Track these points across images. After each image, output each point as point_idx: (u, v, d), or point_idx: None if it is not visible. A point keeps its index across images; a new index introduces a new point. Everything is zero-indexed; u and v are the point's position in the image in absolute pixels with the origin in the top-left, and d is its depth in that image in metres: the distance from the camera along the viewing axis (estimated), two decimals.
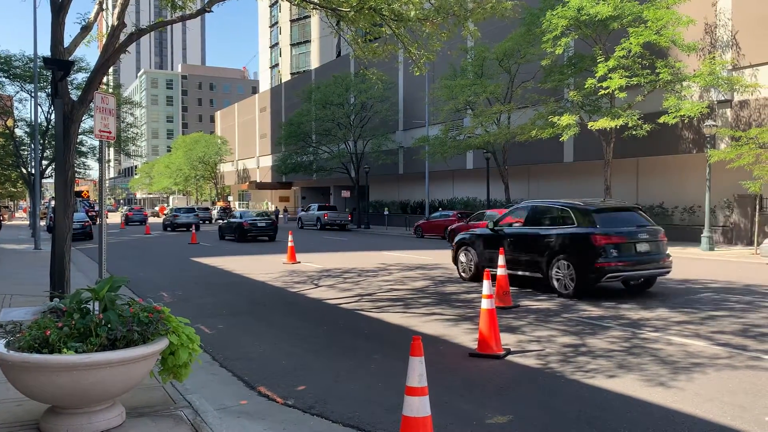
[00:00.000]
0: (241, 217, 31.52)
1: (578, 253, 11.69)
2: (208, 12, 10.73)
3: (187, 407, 5.26)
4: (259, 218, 31.09)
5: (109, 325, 4.49)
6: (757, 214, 22.52)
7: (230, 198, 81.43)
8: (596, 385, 6.21)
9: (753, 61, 23.78)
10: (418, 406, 3.94)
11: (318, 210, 44.39)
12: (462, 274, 14.58)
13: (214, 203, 78.08)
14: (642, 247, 11.81)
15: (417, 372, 3.96)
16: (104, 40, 9.25)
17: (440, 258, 20.33)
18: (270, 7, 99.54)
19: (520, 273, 12.96)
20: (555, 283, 12.07)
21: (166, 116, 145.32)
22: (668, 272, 12.52)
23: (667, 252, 12.36)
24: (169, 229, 43.53)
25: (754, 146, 21.02)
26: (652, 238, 12.02)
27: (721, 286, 13.34)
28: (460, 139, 33.28)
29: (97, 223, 8.55)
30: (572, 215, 12.23)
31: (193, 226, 37.57)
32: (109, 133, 7.05)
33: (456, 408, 5.58)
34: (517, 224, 13.54)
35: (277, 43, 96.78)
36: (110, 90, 51.16)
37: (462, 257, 14.62)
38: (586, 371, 6.68)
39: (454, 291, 12.83)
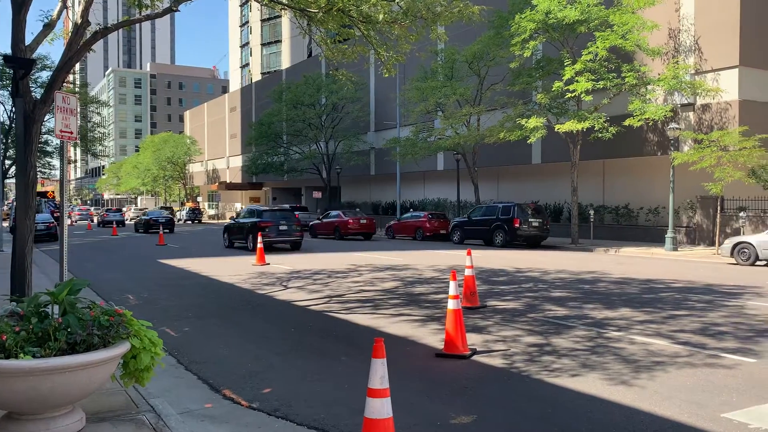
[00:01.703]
0: (148, 215, 44.04)
1: (254, 231, 23.19)
2: (175, 11, 10.62)
3: (149, 411, 5.21)
4: (160, 216, 42.80)
5: (68, 329, 4.42)
6: (718, 215, 23.06)
7: (199, 199, 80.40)
8: (560, 384, 6.30)
9: (715, 65, 24.35)
10: (380, 408, 3.96)
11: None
12: (225, 244, 26.46)
13: (183, 204, 77.15)
14: (282, 228, 24.09)
15: (379, 374, 3.98)
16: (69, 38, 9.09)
17: (410, 259, 20.40)
18: (240, 6, 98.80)
19: (240, 243, 25.30)
20: (249, 245, 23.84)
21: (134, 116, 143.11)
22: (299, 241, 24.77)
23: (299, 230, 24.88)
24: (101, 225, 54.67)
25: (716, 149, 21.54)
26: (289, 224, 24.43)
27: (683, 285, 13.64)
28: (431, 140, 33.45)
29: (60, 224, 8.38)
30: (257, 212, 25.06)
31: (119, 223, 51.44)
32: (71, 133, 6.93)
33: (421, 408, 5.61)
34: (246, 218, 25.44)
35: (247, 43, 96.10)
36: (77, 89, 50.22)
37: (225, 235, 26.68)
38: (551, 371, 6.78)
39: (423, 292, 12.89)
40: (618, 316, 9.94)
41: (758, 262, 18.08)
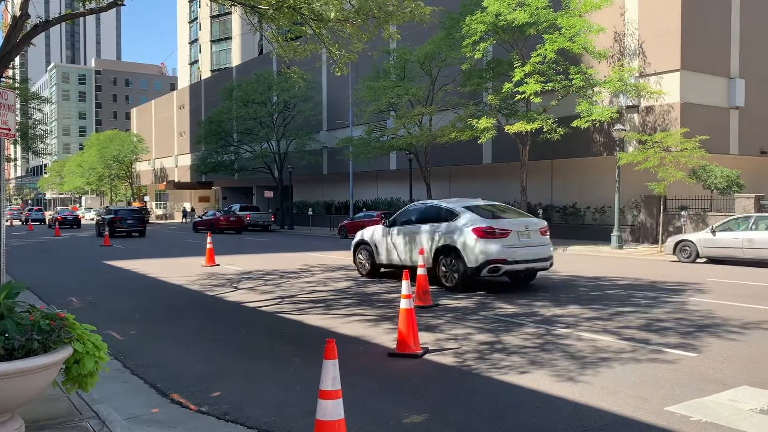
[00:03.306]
0: (58, 213, 51.78)
1: (110, 224, 34.14)
2: (121, 5, 10.33)
3: (93, 418, 5.04)
4: (69, 214, 51.44)
5: (5, 335, 4.23)
6: (661, 214, 23.82)
7: (147, 198, 78.57)
8: (510, 381, 6.38)
9: (658, 69, 25.14)
10: (332, 410, 3.92)
11: (240, 210, 43.60)
12: (95, 233, 35.61)
13: (129, 204, 75.24)
14: (129, 221, 35.09)
15: (330, 375, 3.94)
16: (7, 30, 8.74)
17: None
18: (189, 2, 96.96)
19: (107, 233, 31.19)
20: (107, 232, 31.16)
21: (78, 113, 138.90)
22: (143, 230, 35.91)
23: (141, 222, 35.71)
24: (24, 223, 60.74)
25: (659, 150, 22.26)
26: (134, 218, 35.48)
27: (629, 282, 14.03)
28: (384, 140, 33.55)
29: None
30: (113, 211, 36.12)
31: (40, 221, 61.21)
32: (8, 130, 6.66)
33: (373, 408, 5.60)
34: (106, 215, 35.85)
35: (196, 39, 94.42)
36: (17, 84, 48.42)
37: (96, 227, 36.29)
38: (501, 368, 6.86)
39: (376, 291, 12.90)
40: (566, 313, 10.14)
41: (699, 260, 18.74)
